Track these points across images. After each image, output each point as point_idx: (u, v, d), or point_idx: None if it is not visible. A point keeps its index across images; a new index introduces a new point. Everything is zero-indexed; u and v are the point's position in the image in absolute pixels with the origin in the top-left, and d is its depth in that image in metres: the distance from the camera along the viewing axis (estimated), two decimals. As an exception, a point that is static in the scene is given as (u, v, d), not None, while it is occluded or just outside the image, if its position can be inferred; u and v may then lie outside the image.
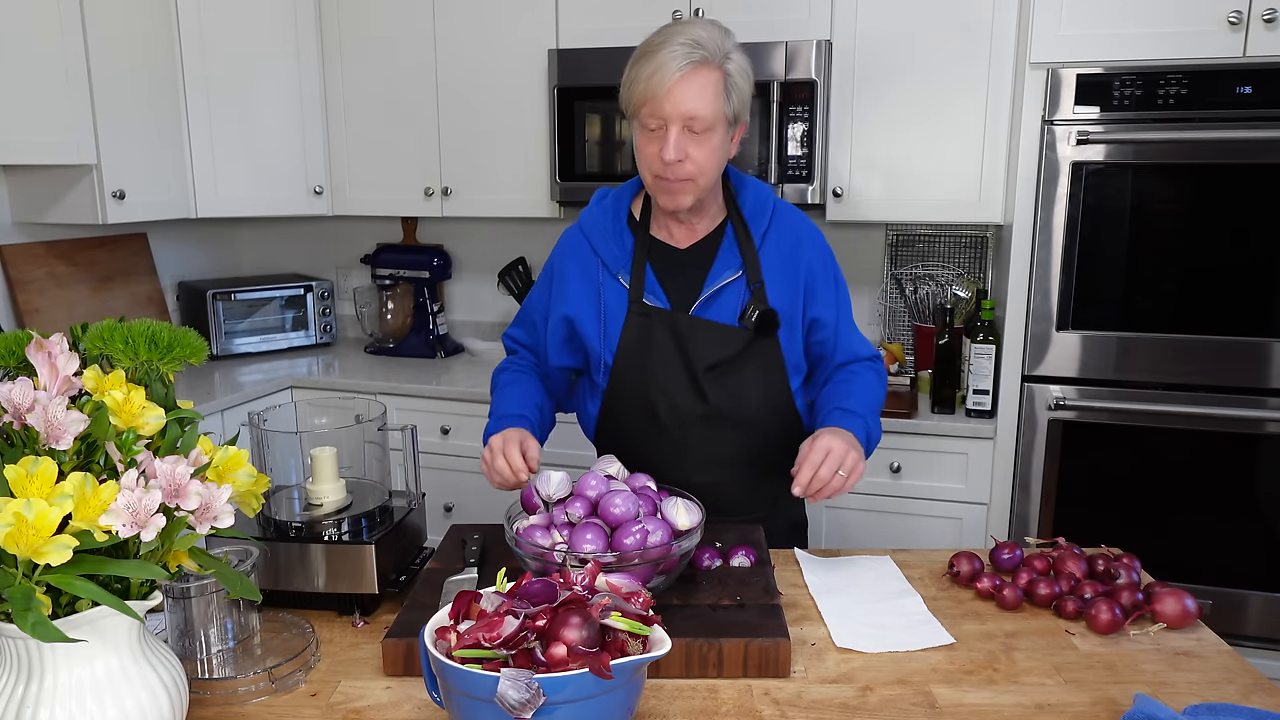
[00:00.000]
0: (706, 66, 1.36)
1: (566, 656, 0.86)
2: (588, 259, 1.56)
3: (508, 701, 0.82)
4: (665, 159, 1.38)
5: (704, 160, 1.40)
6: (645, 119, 1.40)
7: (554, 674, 0.84)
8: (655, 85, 1.35)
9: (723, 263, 1.51)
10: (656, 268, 1.53)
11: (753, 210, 1.53)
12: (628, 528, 1.19)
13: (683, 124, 1.37)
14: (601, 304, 1.54)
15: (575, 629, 0.87)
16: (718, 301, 1.50)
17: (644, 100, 1.38)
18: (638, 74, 1.38)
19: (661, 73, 1.35)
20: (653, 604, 0.95)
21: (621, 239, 1.55)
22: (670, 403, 1.52)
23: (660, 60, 1.35)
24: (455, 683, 0.87)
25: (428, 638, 0.92)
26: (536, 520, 1.25)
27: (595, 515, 1.23)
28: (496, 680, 0.83)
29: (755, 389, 1.53)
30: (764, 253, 1.52)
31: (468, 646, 0.88)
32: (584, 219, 1.60)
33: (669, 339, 1.51)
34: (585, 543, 1.17)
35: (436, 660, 0.89)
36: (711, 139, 1.40)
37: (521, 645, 0.88)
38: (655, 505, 1.26)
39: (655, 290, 1.52)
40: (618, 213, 1.57)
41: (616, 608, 0.90)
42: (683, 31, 1.37)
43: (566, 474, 1.29)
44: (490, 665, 0.87)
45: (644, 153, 1.43)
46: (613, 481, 1.29)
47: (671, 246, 1.55)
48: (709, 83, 1.37)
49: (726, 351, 1.50)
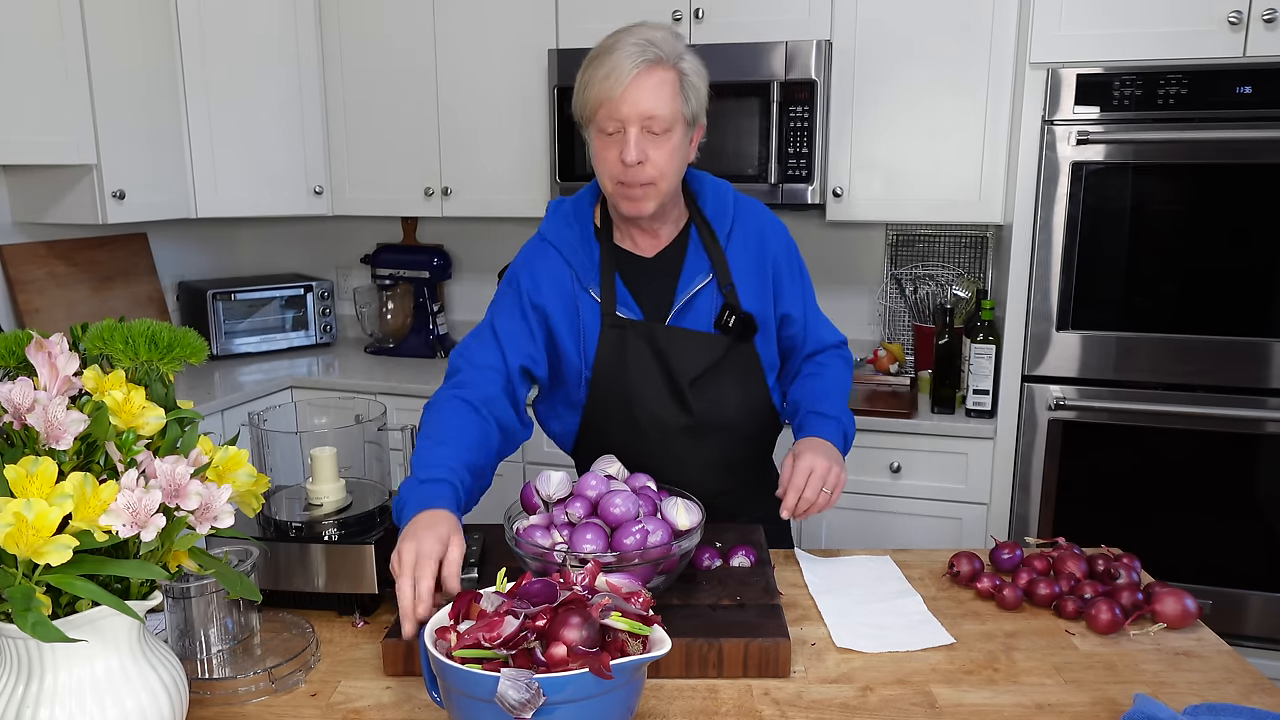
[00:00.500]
0: (661, 66, 1.35)
1: (566, 656, 0.86)
2: (560, 270, 1.50)
3: (508, 701, 0.82)
4: (626, 160, 1.35)
5: (664, 162, 1.38)
6: (602, 122, 1.37)
7: (554, 674, 0.84)
8: (611, 85, 1.33)
9: (692, 268, 1.49)
10: (626, 278, 1.50)
11: (714, 210, 1.52)
12: (628, 528, 1.19)
13: (641, 125, 1.35)
14: (579, 317, 1.50)
15: (575, 629, 0.87)
16: (692, 309, 1.49)
17: (600, 102, 1.35)
18: (591, 76, 1.36)
19: (617, 73, 1.33)
20: (653, 604, 0.95)
21: (589, 250, 1.51)
22: (653, 414, 1.50)
23: (614, 61, 1.33)
24: (455, 683, 0.87)
25: (428, 638, 0.92)
26: (536, 520, 1.25)
27: (595, 515, 1.23)
28: (496, 680, 0.83)
29: (735, 394, 1.52)
30: (730, 252, 1.50)
31: (468, 646, 0.88)
32: (547, 230, 1.54)
33: (646, 350, 1.48)
34: (585, 543, 1.17)
35: (436, 660, 0.89)
36: (671, 139, 1.37)
37: (521, 645, 0.88)
38: (655, 505, 1.26)
39: (627, 301, 1.49)
40: (582, 221, 1.52)
41: (617, 608, 0.91)
42: (634, 33, 1.36)
43: (566, 474, 1.29)
44: (490, 665, 0.87)
45: (602, 159, 1.40)
46: (613, 481, 1.29)
47: (638, 255, 1.51)
48: (665, 82, 1.35)
49: (706, 360, 1.49)
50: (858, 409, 2.47)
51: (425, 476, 1.23)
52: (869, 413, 2.46)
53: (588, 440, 1.57)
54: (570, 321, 1.51)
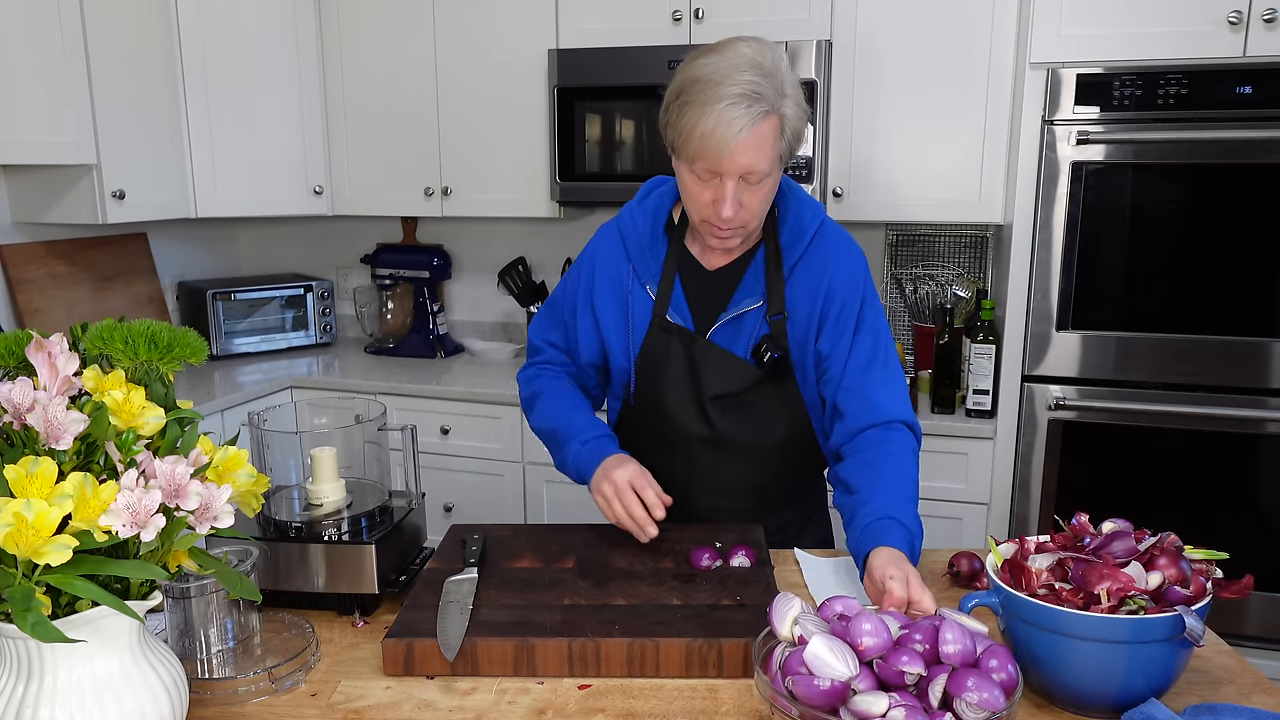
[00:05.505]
0: (767, 118, 1.25)
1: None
2: (620, 262, 1.50)
3: (1196, 633, 0.93)
4: (723, 215, 1.30)
5: (758, 206, 1.34)
6: (698, 170, 1.31)
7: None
8: (715, 146, 1.25)
9: (745, 289, 1.44)
10: (685, 283, 1.47)
11: (789, 238, 1.44)
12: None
13: (739, 177, 1.29)
14: (629, 311, 1.49)
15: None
16: (738, 329, 1.44)
17: (698, 156, 1.28)
18: (690, 127, 1.26)
19: (720, 133, 1.23)
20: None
21: (655, 246, 1.48)
22: (677, 423, 1.49)
23: (717, 118, 1.23)
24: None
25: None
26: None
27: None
28: (1177, 618, 0.94)
29: (766, 423, 1.48)
30: (793, 283, 1.43)
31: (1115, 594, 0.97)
32: (624, 219, 1.52)
33: (684, 360, 1.46)
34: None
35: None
36: (766, 184, 1.32)
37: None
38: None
39: (680, 307, 1.46)
40: (657, 216, 1.49)
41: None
42: (737, 72, 1.24)
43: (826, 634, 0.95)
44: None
45: (693, 195, 1.34)
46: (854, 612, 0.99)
47: (701, 264, 1.48)
48: (767, 135, 1.26)
49: (734, 384, 1.45)
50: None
51: (587, 437, 1.42)
52: (869, 413, 2.46)
53: (622, 433, 1.56)
54: (619, 317, 1.50)
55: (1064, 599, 0.99)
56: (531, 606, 1.20)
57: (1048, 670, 1.01)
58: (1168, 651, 0.97)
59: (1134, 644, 0.96)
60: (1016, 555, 1.08)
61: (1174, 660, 0.98)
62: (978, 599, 1.05)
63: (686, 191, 1.36)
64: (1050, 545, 1.09)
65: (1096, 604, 0.98)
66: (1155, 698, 0.98)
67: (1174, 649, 0.97)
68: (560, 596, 1.22)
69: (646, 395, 1.51)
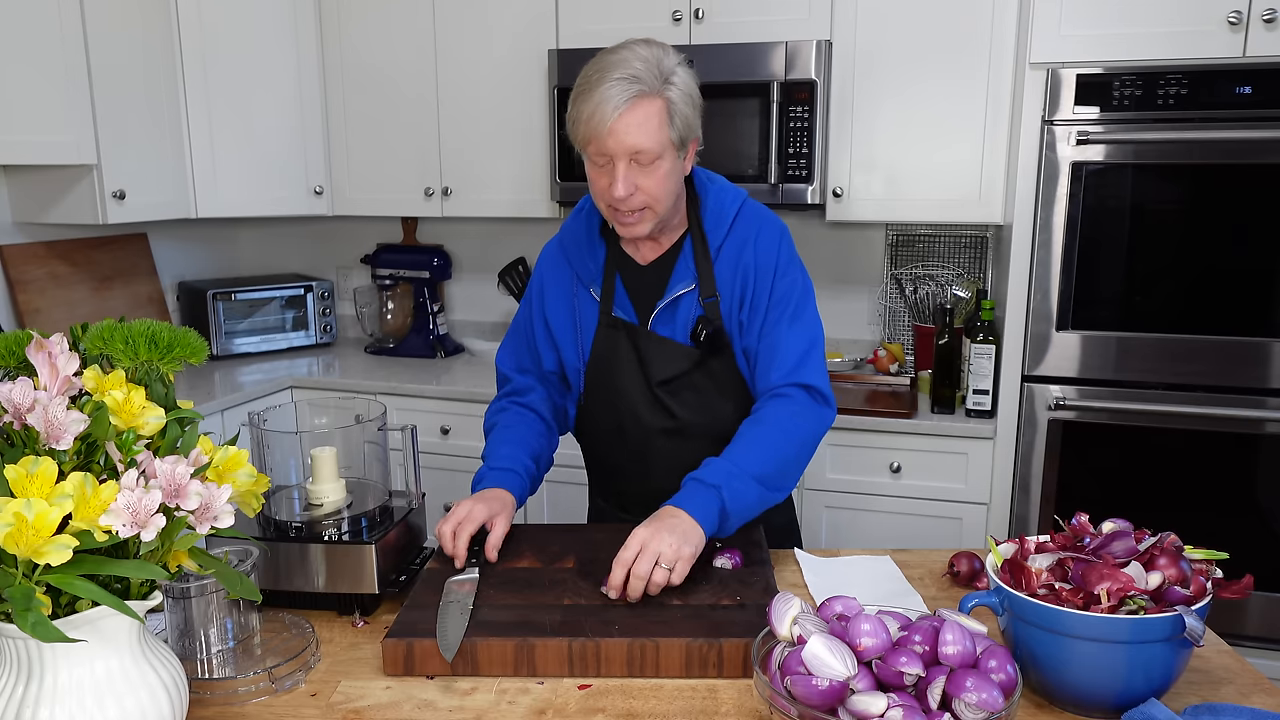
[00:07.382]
0: (646, 99, 1.34)
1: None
2: (564, 272, 1.59)
3: (1196, 633, 0.93)
4: (615, 194, 1.37)
5: (655, 189, 1.39)
6: (592, 155, 1.39)
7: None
8: (596, 125, 1.33)
9: (677, 276, 1.51)
10: (625, 280, 1.54)
11: (712, 222, 1.51)
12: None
13: (629, 158, 1.36)
14: (576, 315, 1.56)
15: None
16: (674, 315, 1.51)
17: (588, 139, 1.36)
18: (578, 113, 1.36)
19: (600, 111, 1.33)
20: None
21: (594, 250, 1.56)
22: (634, 415, 1.54)
23: (598, 99, 1.33)
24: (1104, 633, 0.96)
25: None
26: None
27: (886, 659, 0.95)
28: (1176, 619, 0.94)
29: (714, 404, 1.53)
30: (720, 264, 1.50)
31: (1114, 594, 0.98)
32: (563, 232, 1.61)
33: (631, 352, 1.53)
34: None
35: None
36: (660, 167, 1.38)
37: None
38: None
39: (624, 303, 1.54)
40: (590, 223, 1.57)
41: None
42: (618, 65, 1.34)
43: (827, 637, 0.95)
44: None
45: (595, 184, 1.42)
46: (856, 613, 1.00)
47: (635, 261, 1.55)
48: (650, 115, 1.34)
49: (677, 368, 1.51)
50: (858, 409, 2.47)
51: (495, 465, 1.50)
52: (869, 413, 2.46)
53: (582, 430, 1.67)
54: (568, 321, 1.58)
55: (1064, 599, 0.99)
56: (531, 606, 1.20)
57: (1048, 670, 1.01)
58: (1168, 651, 0.97)
59: (1134, 644, 0.96)
60: (1016, 555, 1.08)
61: (1174, 660, 0.98)
62: (978, 599, 1.05)
63: (590, 183, 1.43)
64: (1050, 545, 1.09)
65: (1096, 604, 0.98)
66: (1155, 698, 0.98)
67: (1174, 649, 0.97)
68: (560, 596, 1.23)
69: (601, 391, 1.57)
